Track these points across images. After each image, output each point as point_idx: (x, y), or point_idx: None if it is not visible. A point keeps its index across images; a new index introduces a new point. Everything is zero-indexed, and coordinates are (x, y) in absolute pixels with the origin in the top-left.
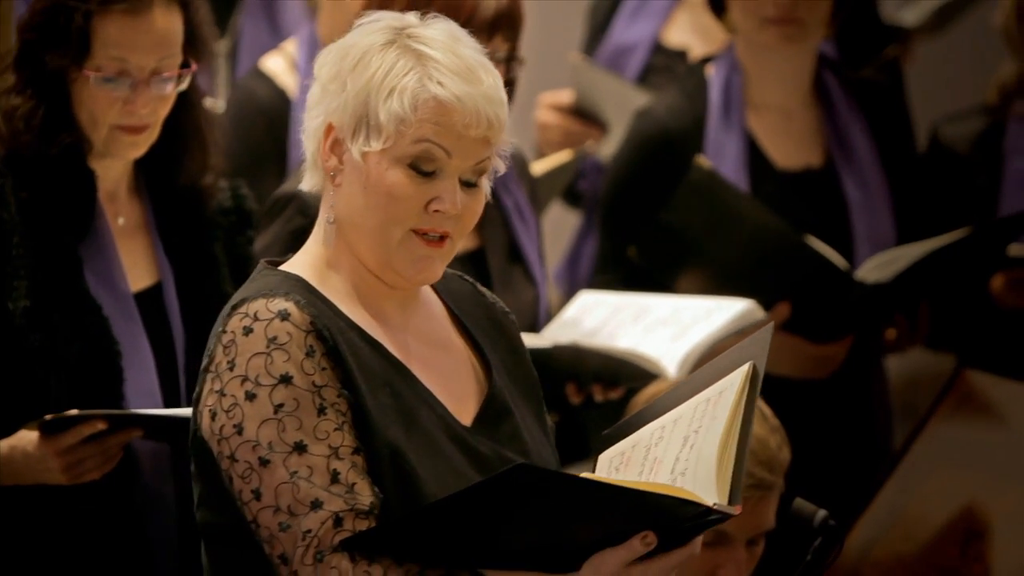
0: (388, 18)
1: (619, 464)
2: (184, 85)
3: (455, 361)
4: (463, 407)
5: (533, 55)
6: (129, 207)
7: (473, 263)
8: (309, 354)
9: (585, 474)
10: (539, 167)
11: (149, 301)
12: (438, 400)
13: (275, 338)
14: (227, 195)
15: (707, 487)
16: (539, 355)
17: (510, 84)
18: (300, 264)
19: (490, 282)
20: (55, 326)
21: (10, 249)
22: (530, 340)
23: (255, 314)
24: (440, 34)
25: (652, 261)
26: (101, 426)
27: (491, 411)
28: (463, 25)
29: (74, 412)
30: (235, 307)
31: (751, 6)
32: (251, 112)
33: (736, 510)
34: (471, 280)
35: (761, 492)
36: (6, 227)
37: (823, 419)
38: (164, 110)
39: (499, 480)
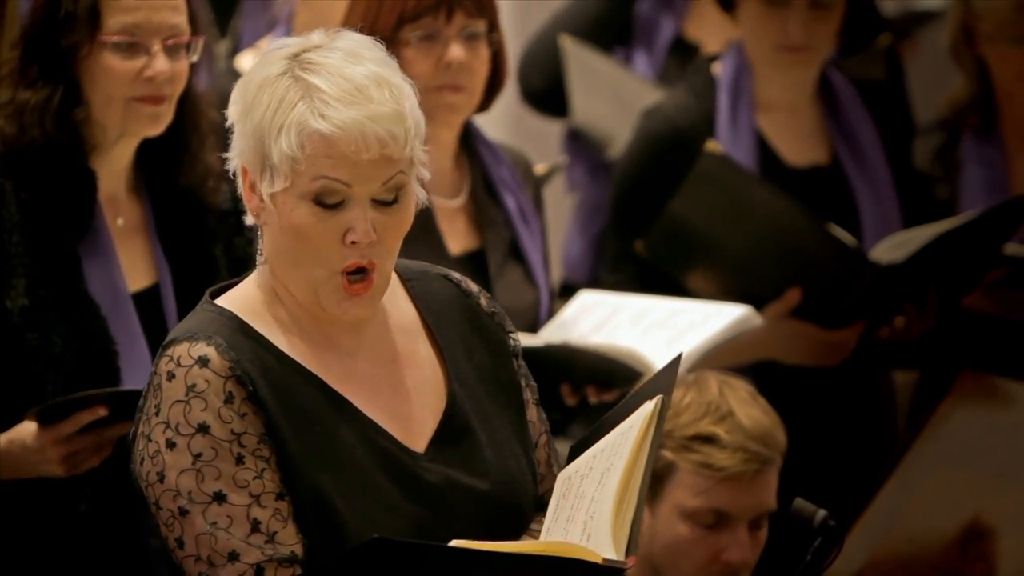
0: (290, 44)
1: (564, 491)
2: (196, 56)
3: (416, 378)
4: (418, 430)
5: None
6: (129, 208)
7: (473, 263)
8: (228, 401)
9: (457, 542)
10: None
11: (147, 301)
12: (383, 430)
13: (194, 386)
14: (226, 196)
15: (603, 536)
16: (531, 354)
17: (496, 57)
18: (239, 297)
19: (489, 283)
20: (52, 325)
21: (9, 248)
22: (522, 339)
23: (178, 359)
24: (335, 55)
25: (660, 255)
26: (102, 412)
27: (447, 432)
28: (415, 10)
29: (72, 396)
30: (165, 348)
31: (764, 32)
32: (222, 111)
33: (630, 562)
34: (457, 279)
35: (758, 465)
36: (6, 226)
37: (829, 408)
38: (179, 85)
39: (353, 556)
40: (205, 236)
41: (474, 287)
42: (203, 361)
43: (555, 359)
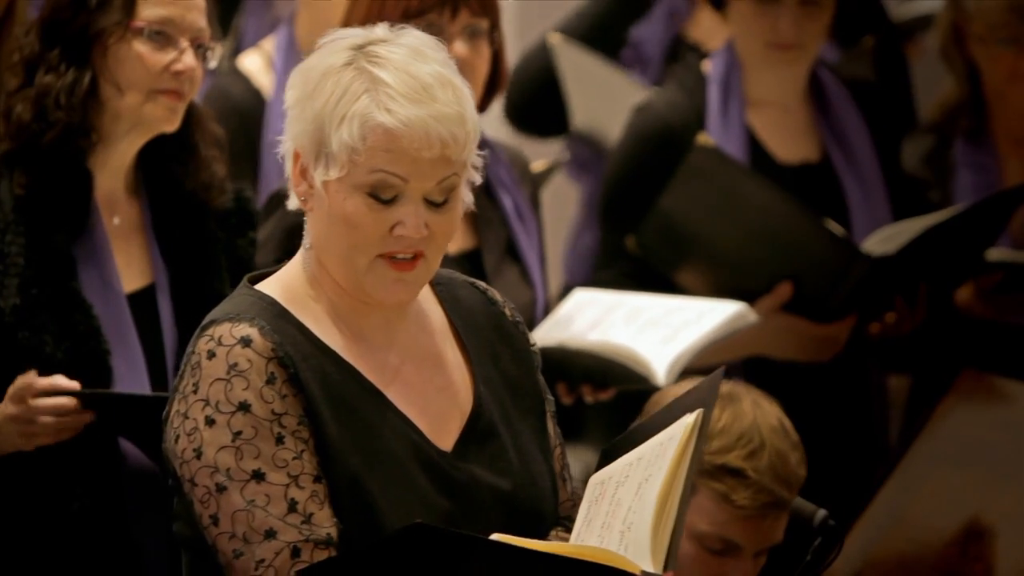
0: (353, 35)
1: (598, 495)
2: (214, 62)
3: (445, 378)
4: (445, 429)
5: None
6: (127, 207)
7: (469, 263)
8: (270, 381)
9: (498, 536)
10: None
11: (142, 302)
12: (414, 425)
13: (236, 364)
14: (229, 197)
15: (641, 548)
16: None
17: (496, 57)
18: (279, 284)
19: (485, 283)
20: (43, 324)
21: (2, 247)
22: None
23: (220, 339)
24: (400, 51)
25: (651, 251)
26: (87, 419)
27: (474, 432)
28: (420, 6)
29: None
30: (204, 328)
31: (755, 30)
32: (225, 111)
33: None
34: (482, 288)
35: (777, 510)
36: None
37: (820, 405)
38: (197, 88)
39: (392, 540)
40: (206, 238)
41: (499, 297)
42: (246, 341)
43: (550, 359)
